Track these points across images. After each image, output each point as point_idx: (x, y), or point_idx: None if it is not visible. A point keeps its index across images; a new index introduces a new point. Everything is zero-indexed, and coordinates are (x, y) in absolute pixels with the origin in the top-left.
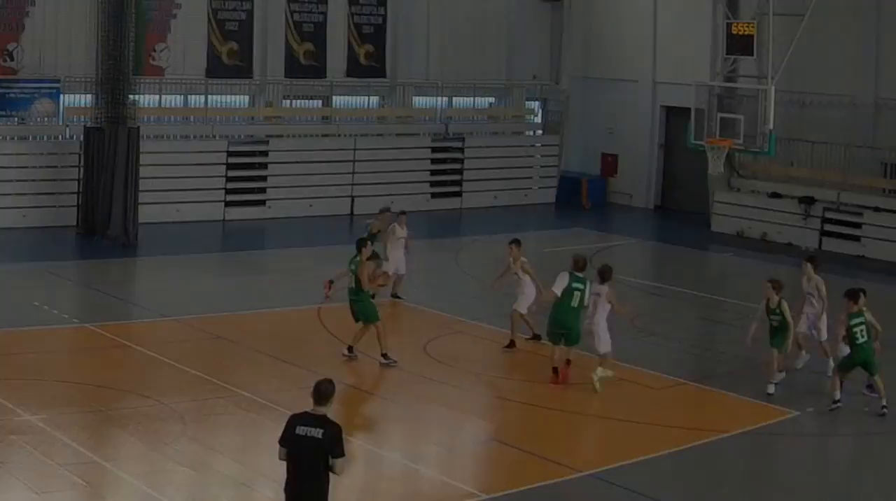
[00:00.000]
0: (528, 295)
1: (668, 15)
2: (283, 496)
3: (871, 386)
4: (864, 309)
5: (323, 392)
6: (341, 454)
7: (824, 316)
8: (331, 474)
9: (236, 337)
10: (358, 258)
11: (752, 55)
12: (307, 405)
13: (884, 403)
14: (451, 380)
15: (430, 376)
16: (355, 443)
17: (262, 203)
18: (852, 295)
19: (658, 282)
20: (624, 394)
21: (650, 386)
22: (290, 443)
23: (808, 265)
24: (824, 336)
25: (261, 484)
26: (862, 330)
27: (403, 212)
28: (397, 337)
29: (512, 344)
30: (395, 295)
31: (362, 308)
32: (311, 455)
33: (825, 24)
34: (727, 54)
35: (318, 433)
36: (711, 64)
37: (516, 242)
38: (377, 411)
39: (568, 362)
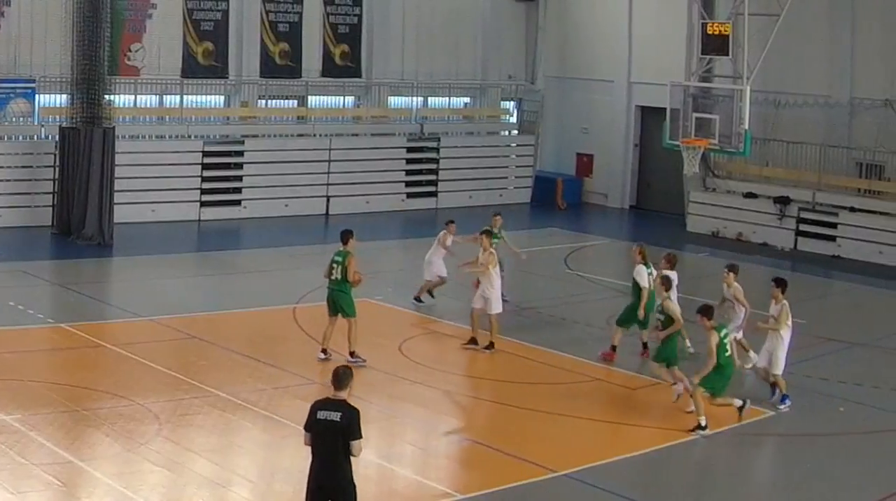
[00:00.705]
0: (497, 294)
1: (643, 15)
2: (294, 486)
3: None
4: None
5: (341, 377)
6: (358, 436)
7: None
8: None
9: (211, 337)
10: (344, 249)
11: (728, 55)
12: (282, 405)
13: (701, 422)
14: (426, 380)
15: (406, 376)
16: None
17: (237, 203)
18: (705, 311)
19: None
20: (599, 394)
21: (625, 386)
22: (313, 428)
23: (730, 274)
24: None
25: (236, 484)
26: (729, 344)
27: (452, 222)
28: (373, 337)
29: (491, 345)
30: (429, 294)
31: (345, 300)
32: (331, 438)
33: (800, 24)
34: (702, 54)
35: (336, 416)
36: (687, 64)
37: (487, 232)
38: None
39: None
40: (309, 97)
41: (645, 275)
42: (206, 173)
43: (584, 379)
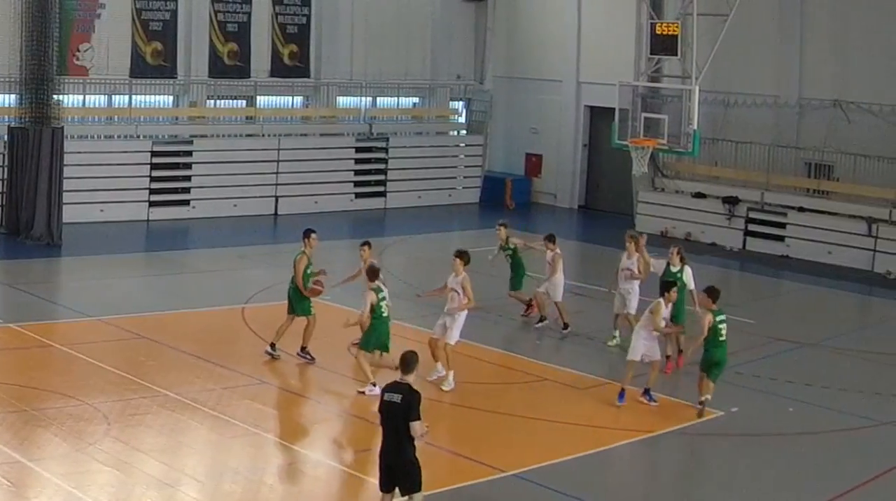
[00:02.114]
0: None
1: (592, 15)
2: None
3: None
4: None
5: (408, 362)
6: (416, 418)
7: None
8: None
9: (160, 337)
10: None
11: (677, 55)
12: (231, 405)
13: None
14: (374, 380)
15: (354, 376)
16: (278, 442)
17: (186, 203)
18: (712, 292)
19: (581, 282)
20: (548, 394)
21: (574, 385)
22: (381, 409)
23: (457, 261)
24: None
25: (184, 484)
26: (724, 329)
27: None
28: (321, 336)
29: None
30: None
31: (297, 300)
32: (394, 418)
33: (749, 24)
34: (651, 54)
35: (397, 398)
36: (635, 64)
37: (367, 244)
38: (300, 411)
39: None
40: (257, 97)
41: (692, 276)
42: (155, 173)
43: (532, 378)
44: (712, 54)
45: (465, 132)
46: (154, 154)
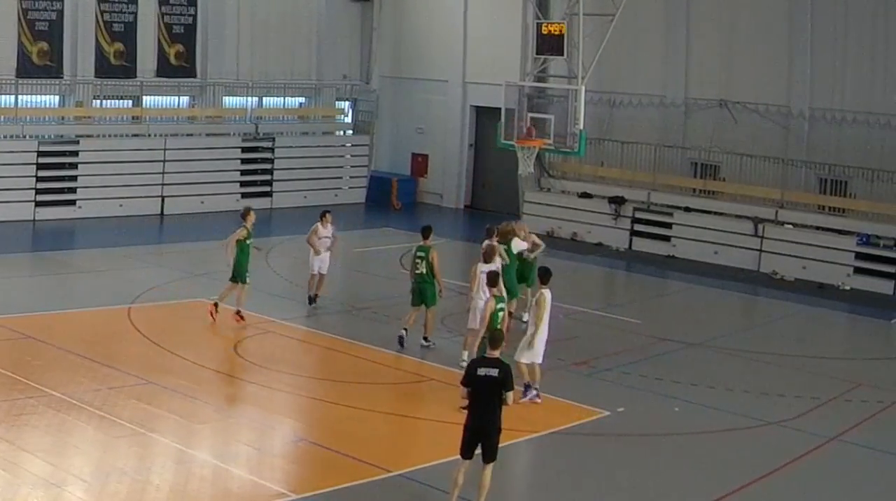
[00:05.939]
0: None
1: (478, 15)
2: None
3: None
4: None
5: (498, 339)
6: (511, 387)
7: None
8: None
9: (47, 337)
10: (426, 244)
11: (563, 55)
12: (117, 404)
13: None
14: (261, 380)
15: (241, 376)
16: (164, 443)
17: (72, 203)
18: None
19: (466, 282)
20: (435, 395)
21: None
22: (473, 383)
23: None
24: None
25: (71, 484)
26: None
27: (327, 212)
28: (208, 336)
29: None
30: (314, 296)
31: (430, 292)
32: (489, 390)
33: (635, 24)
34: (537, 54)
35: (495, 372)
36: (522, 64)
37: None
38: (187, 410)
39: None
40: (144, 97)
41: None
42: (41, 173)
43: (420, 378)
44: (598, 54)
45: (351, 132)
46: (40, 154)
